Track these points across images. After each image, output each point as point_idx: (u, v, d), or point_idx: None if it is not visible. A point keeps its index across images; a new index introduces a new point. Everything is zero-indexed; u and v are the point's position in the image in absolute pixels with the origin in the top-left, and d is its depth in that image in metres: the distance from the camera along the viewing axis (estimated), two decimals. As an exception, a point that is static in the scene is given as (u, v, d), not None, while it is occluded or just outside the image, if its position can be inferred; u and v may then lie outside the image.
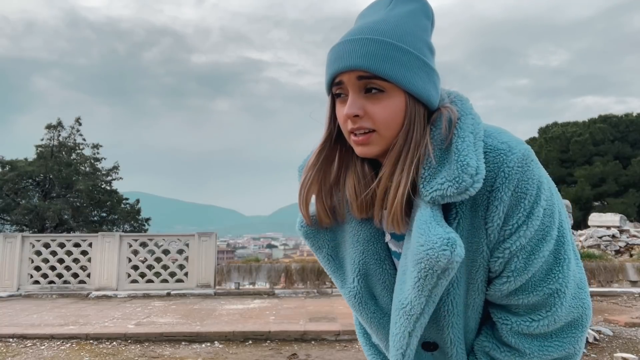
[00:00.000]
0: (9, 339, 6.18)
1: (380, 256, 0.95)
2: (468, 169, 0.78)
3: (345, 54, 0.83)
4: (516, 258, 0.84)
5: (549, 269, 0.86)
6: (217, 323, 6.90)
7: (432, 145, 0.83)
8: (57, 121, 19.31)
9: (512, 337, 0.89)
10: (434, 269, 0.79)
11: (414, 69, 0.83)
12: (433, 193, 0.81)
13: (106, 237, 10.80)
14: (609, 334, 6.16)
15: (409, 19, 0.85)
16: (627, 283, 10.84)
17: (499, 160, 0.81)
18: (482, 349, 0.94)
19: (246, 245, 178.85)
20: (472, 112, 0.86)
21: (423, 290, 0.82)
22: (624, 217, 15.07)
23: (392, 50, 0.81)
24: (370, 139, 0.84)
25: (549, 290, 0.85)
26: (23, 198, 18.04)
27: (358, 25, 0.86)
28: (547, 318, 0.87)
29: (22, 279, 10.48)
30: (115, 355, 5.49)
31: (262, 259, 13.07)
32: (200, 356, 5.47)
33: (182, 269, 10.68)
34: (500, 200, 0.82)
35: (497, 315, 0.91)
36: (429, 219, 0.81)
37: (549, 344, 0.88)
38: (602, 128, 27.89)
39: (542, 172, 0.86)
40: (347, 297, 0.98)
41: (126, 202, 20.62)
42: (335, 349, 5.77)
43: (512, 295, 0.87)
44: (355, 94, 0.84)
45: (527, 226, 0.83)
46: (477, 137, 0.82)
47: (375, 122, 0.83)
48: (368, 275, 0.96)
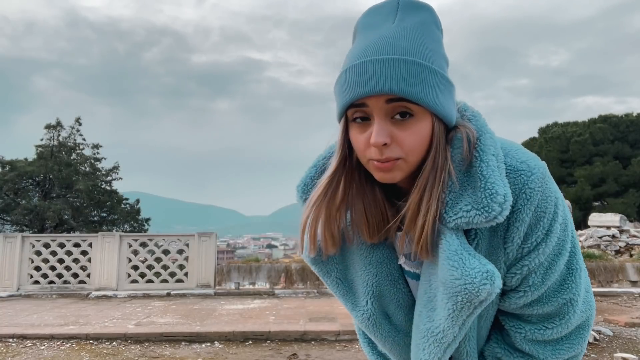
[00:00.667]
0: (9, 339, 6.18)
1: (394, 277, 0.94)
2: (497, 198, 0.76)
3: (373, 75, 0.76)
4: (534, 274, 0.84)
5: (562, 280, 0.87)
6: (217, 323, 6.90)
7: (453, 168, 0.80)
8: (57, 121, 19.31)
9: (525, 344, 0.90)
10: (472, 302, 0.78)
11: (440, 89, 0.79)
12: (458, 220, 0.79)
13: (106, 237, 10.80)
14: (609, 334, 6.16)
15: (425, 32, 0.80)
16: (627, 283, 10.84)
17: (520, 182, 0.80)
18: (494, 354, 0.94)
19: (246, 245, 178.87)
20: (488, 130, 0.84)
21: (457, 320, 0.81)
22: (624, 217, 15.07)
23: (421, 72, 0.77)
24: (395, 165, 0.79)
25: (563, 300, 0.87)
26: (23, 198, 18.04)
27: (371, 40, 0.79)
28: (561, 325, 0.88)
29: (22, 279, 10.48)
30: (115, 356, 5.48)
31: (262, 259, 13.08)
32: (200, 356, 5.47)
33: (182, 269, 10.68)
34: (521, 221, 0.80)
35: (510, 323, 0.91)
36: (458, 248, 0.79)
37: (560, 347, 0.90)
38: (602, 128, 27.89)
39: (556, 187, 0.85)
40: (360, 319, 0.95)
41: (126, 202, 20.62)
42: (335, 349, 5.77)
43: (527, 306, 0.87)
44: (381, 119, 0.77)
45: (545, 243, 0.83)
46: (499, 159, 0.80)
47: (403, 149, 0.78)
48: (381, 297, 0.94)
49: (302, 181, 0.96)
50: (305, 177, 0.96)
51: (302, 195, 0.95)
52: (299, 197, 0.96)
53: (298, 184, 0.96)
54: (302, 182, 0.96)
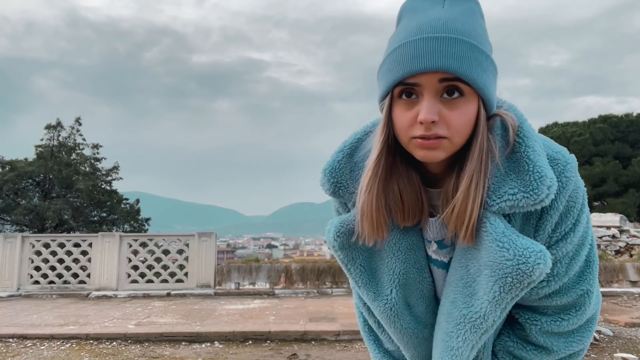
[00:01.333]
0: (9, 339, 6.17)
1: (421, 265, 0.93)
2: (545, 181, 0.77)
3: (429, 53, 0.75)
4: (559, 263, 0.85)
5: (581, 272, 0.88)
6: (217, 323, 6.90)
7: (497, 152, 0.80)
8: (57, 121, 19.31)
9: (540, 336, 0.91)
10: (523, 283, 0.78)
11: (490, 73, 0.79)
12: (502, 203, 0.79)
13: (106, 237, 10.80)
14: (609, 334, 6.16)
15: (473, 18, 0.80)
16: (627, 283, 10.84)
17: (558, 171, 0.81)
18: (505, 348, 0.95)
19: (246, 245, 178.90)
20: (526, 120, 0.85)
21: (501, 304, 0.81)
22: (624, 217, 15.07)
23: (476, 53, 0.77)
24: (440, 144, 0.78)
25: (580, 292, 0.88)
26: (23, 198, 18.04)
27: (422, 20, 0.78)
28: (577, 317, 0.89)
29: (22, 279, 10.48)
30: (115, 356, 5.48)
31: (262, 259, 13.07)
32: (200, 356, 5.47)
33: (182, 269, 10.68)
34: (556, 209, 0.81)
35: (525, 316, 0.92)
36: (506, 230, 0.80)
37: (572, 339, 0.91)
38: (602, 128, 27.89)
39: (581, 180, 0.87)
40: (382, 309, 0.93)
41: (126, 202, 20.61)
42: (335, 349, 5.77)
43: (547, 297, 0.88)
44: (432, 97, 0.77)
45: (573, 233, 0.84)
46: (541, 145, 0.82)
47: (450, 128, 0.77)
48: (407, 285, 0.93)
49: (328, 165, 0.93)
50: (332, 161, 0.93)
51: (330, 179, 0.93)
52: (326, 181, 0.93)
53: (324, 167, 0.94)
54: (329, 166, 0.93)
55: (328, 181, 0.93)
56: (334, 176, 0.93)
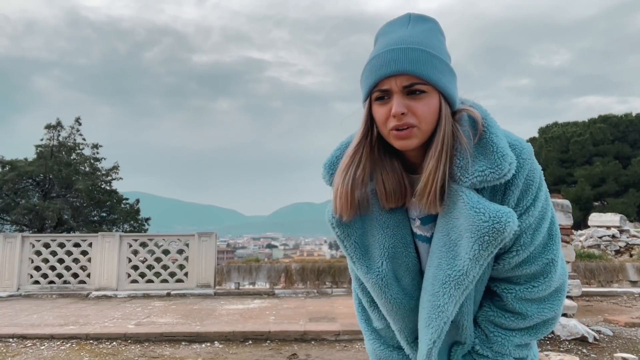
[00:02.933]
0: (9, 339, 6.17)
1: (406, 241, 1.09)
2: (507, 158, 0.95)
3: (393, 61, 0.95)
4: (524, 234, 1.01)
5: (545, 243, 1.04)
6: (217, 323, 6.90)
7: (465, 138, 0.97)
8: (57, 121, 19.30)
9: (516, 303, 1.05)
10: (497, 239, 0.94)
11: (446, 74, 0.98)
12: (473, 179, 0.96)
13: (106, 237, 10.79)
14: (609, 334, 6.15)
15: (432, 34, 1.01)
16: (627, 283, 10.84)
17: (516, 153, 0.98)
18: (487, 318, 1.09)
19: (246, 245, 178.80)
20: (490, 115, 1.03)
21: (480, 260, 0.97)
22: (624, 217, 15.06)
23: (432, 58, 0.96)
24: (411, 133, 0.96)
25: (546, 260, 1.04)
26: (23, 198, 18.03)
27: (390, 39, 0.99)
28: (545, 283, 1.04)
29: (22, 279, 10.48)
30: (115, 355, 5.48)
31: (262, 259, 13.07)
32: (200, 356, 5.47)
33: (182, 269, 10.68)
34: (516, 185, 0.98)
35: (501, 286, 1.07)
36: (480, 199, 0.97)
37: (543, 306, 1.06)
38: (602, 128, 27.89)
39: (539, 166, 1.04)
40: (373, 280, 1.07)
41: (126, 202, 20.60)
42: (335, 349, 5.77)
43: (517, 266, 1.04)
44: (399, 95, 0.96)
45: (534, 207, 1.00)
46: (503, 134, 1.00)
47: (417, 117, 0.96)
48: (395, 258, 1.07)
49: (328, 160, 1.12)
50: (331, 157, 1.12)
51: (329, 171, 1.11)
52: (325, 173, 1.12)
53: (324, 162, 1.12)
54: (328, 161, 1.12)
55: (327, 173, 1.11)
56: (332, 168, 1.11)
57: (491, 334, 1.08)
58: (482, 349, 1.09)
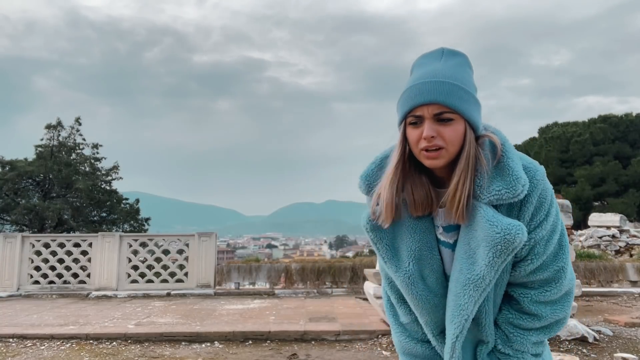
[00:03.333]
0: (9, 339, 6.17)
1: (431, 245, 1.23)
2: (520, 180, 1.10)
3: (426, 91, 1.11)
4: (538, 245, 1.15)
5: (556, 253, 1.18)
6: (217, 323, 6.90)
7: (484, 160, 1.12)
8: (57, 121, 19.30)
9: (532, 305, 1.20)
10: (508, 249, 1.09)
11: (471, 104, 1.13)
12: (491, 197, 1.11)
13: (106, 237, 10.79)
14: (609, 334, 6.15)
15: (462, 68, 1.16)
16: (627, 283, 10.84)
17: (530, 175, 1.13)
18: (506, 320, 1.23)
19: (246, 245, 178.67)
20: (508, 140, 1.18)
21: (495, 266, 1.11)
22: (624, 217, 15.06)
23: (460, 91, 1.12)
24: (440, 154, 1.12)
25: (557, 267, 1.18)
26: (23, 198, 18.02)
27: (425, 71, 1.15)
28: (556, 287, 1.19)
29: (22, 279, 10.48)
30: (115, 356, 5.48)
31: (262, 259, 13.07)
32: (200, 356, 5.47)
33: (182, 269, 10.67)
34: (531, 203, 1.13)
35: (518, 291, 1.22)
36: (494, 213, 1.11)
37: (555, 308, 1.20)
38: (602, 128, 27.88)
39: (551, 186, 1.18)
40: (402, 278, 1.23)
41: (126, 202, 20.59)
42: (335, 349, 5.77)
43: (532, 273, 1.18)
44: (430, 121, 1.12)
45: (546, 222, 1.15)
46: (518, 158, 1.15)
47: (445, 141, 1.11)
48: (421, 260, 1.23)
49: (365, 172, 1.29)
50: (367, 169, 1.29)
51: (365, 182, 1.27)
52: (362, 183, 1.28)
53: (361, 174, 1.29)
54: (365, 174, 1.28)
55: (364, 184, 1.28)
56: (368, 180, 1.27)
57: (511, 334, 1.22)
58: (504, 348, 1.23)
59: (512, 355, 1.22)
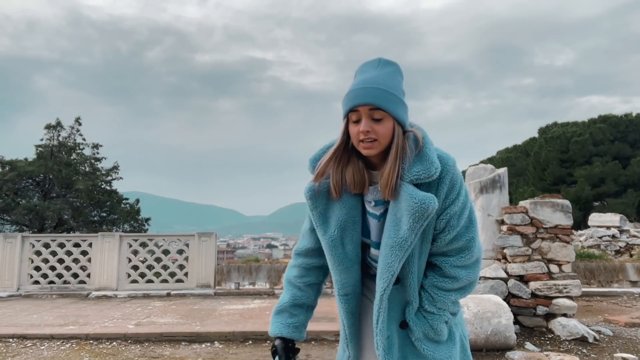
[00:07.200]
0: (9, 339, 6.17)
1: (355, 219, 1.52)
2: (434, 165, 1.40)
3: (363, 95, 1.40)
4: (453, 219, 1.45)
5: (467, 226, 1.48)
6: (217, 323, 6.90)
7: (409, 151, 1.42)
8: (57, 121, 19.31)
9: (451, 269, 1.48)
10: (425, 215, 1.37)
11: (399, 106, 1.43)
12: (412, 177, 1.40)
13: (106, 237, 10.79)
14: (609, 334, 6.15)
15: (393, 76, 1.45)
16: (627, 283, 10.83)
17: (443, 162, 1.43)
18: (431, 283, 1.50)
19: (246, 245, 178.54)
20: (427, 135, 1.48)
21: (414, 230, 1.39)
22: (624, 217, 15.06)
23: (389, 95, 1.41)
24: (374, 145, 1.42)
25: (468, 237, 1.48)
26: (23, 198, 18.03)
27: (363, 78, 1.44)
28: (469, 254, 1.49)
29: (22, 279, 10.48)
30: (115, 356, 5.48)
31: (262, 259, 13.07)
32: (200, 356, 5.47)
33: (182, 269, 10.67)
34: (444, 184, 1.42)
35: (440, 259, 1.50)
36: (414, 189, 1.39)
37: (469, 272, 1.50)
38: (602, 128, 27.88)
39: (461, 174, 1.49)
40: (327, 241, 1.51)
41: (126, 202, 20.61)
42: (335, 349, 5.77)
43: (449, 243, 1.47)
44: (366, 119, 1.41)
45: (458, 200, 1.44)
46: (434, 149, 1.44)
47: (378, 135, 1.41)
48: (345, 230, 1.50)
49: (313, 157, 1.57)
50: (315, 154, 1.57)
51: (312, 163, 1.55)
52: (310, 165, 1.56)
53: (310, 157, 1.57)
54: (314, 157, 1.56)
55: (311, 165, 1.56)
56: (314, 162, 1.55)
57: (435, 294, 1.49)
58: (430, 307, 1.49)
59: (435, 312, 1.49)
